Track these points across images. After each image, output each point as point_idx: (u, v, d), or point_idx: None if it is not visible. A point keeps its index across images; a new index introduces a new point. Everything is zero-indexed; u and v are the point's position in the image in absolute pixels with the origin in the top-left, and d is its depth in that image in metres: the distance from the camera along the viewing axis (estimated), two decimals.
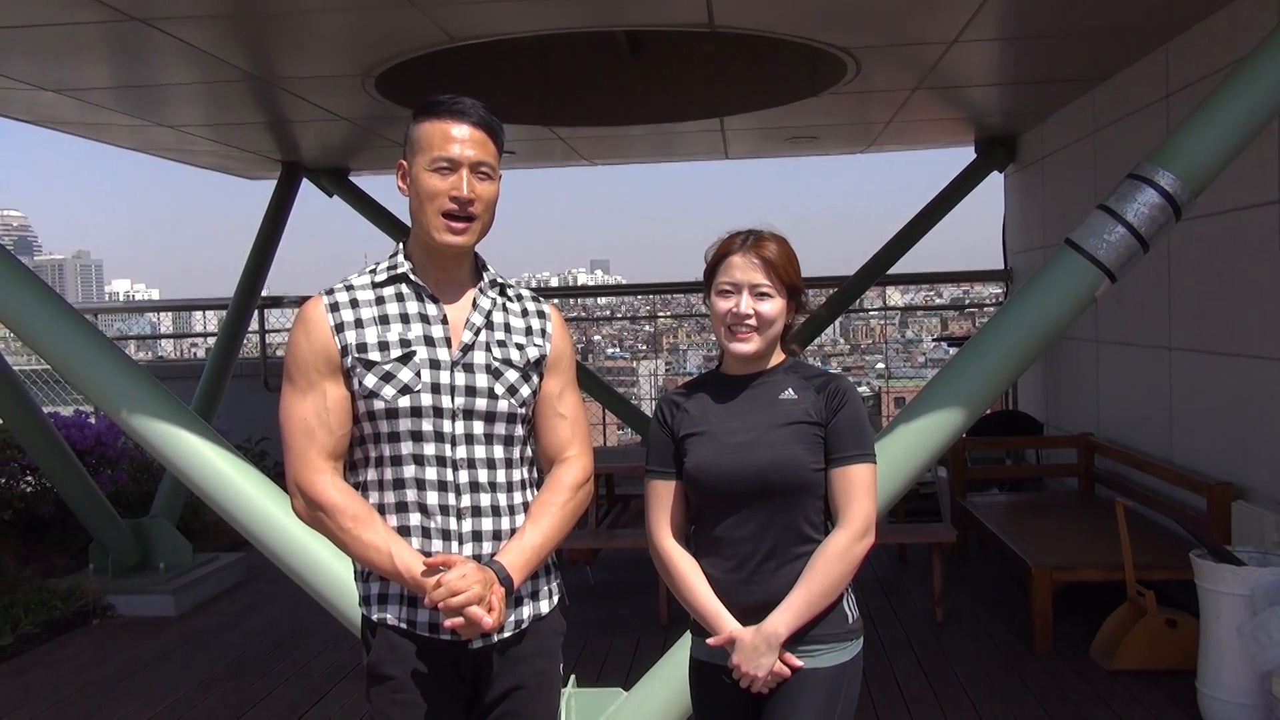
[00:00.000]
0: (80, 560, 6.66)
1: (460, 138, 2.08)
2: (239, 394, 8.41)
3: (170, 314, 14.16)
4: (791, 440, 2.20)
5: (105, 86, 5.64)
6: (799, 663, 2.19)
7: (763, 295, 2.22)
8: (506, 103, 2.12)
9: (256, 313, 9.10)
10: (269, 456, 8.48)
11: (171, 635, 5.84)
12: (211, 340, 9.73)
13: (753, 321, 2.22)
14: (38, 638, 5.70)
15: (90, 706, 4.80)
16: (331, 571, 3.21)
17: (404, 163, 2.15)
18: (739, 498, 2.21)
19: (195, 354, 12.56)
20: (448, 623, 1.98)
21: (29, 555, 6.70)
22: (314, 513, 2.09)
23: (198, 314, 12.18)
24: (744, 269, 2.22)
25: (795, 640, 2.19)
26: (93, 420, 7.74)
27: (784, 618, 2.17)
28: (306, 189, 8.33)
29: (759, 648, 2.17)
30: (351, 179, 8.59)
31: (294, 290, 9.67)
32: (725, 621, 2.21)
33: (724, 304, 2.23)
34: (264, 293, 8.22)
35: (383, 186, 9.36)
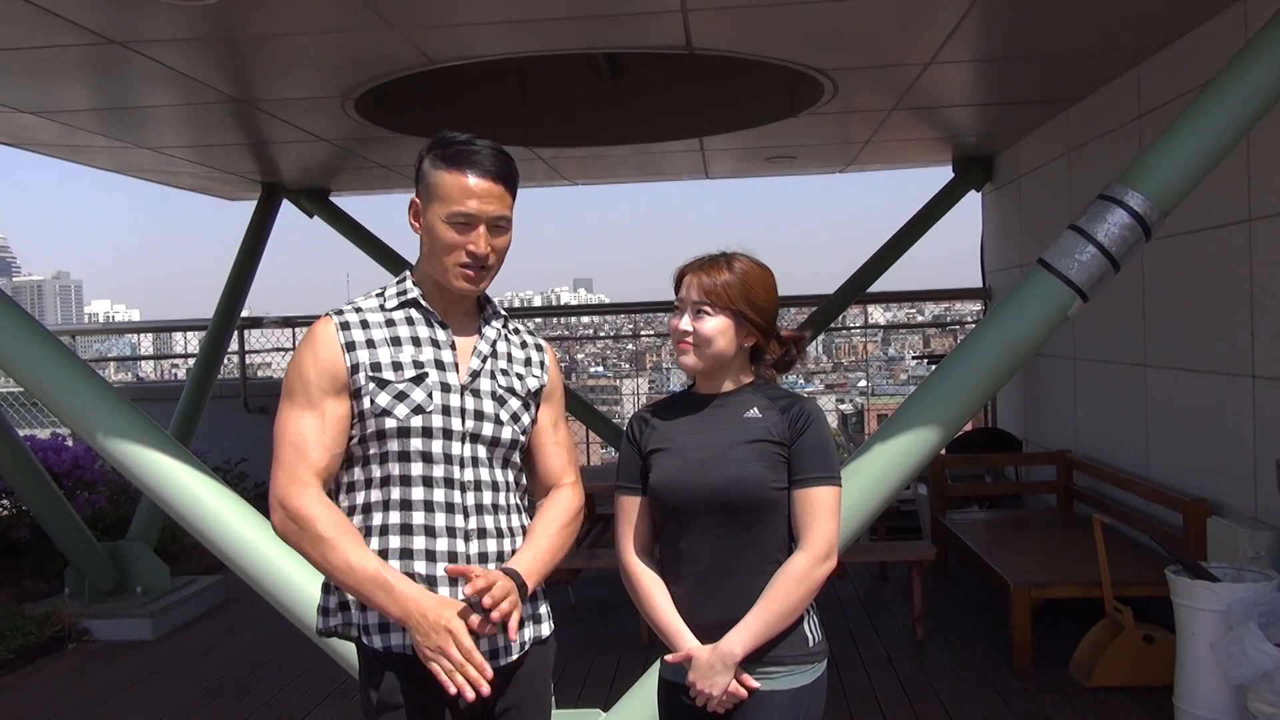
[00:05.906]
0: (56, 584, 6.60)
1: (479, 192, 2.08)
2: (219, 415, 8.37)
3: (150, 335, 14.08)
4: (752, 458, 2.21)
5: (85, 109, 5.63)
6: (755, 684, 2.19)
7: (701, 314, 2.26)
8: (487, 123, 2.12)
9: (236, 333, 9.08)
10: (248, 478, 8.43)
11: (149, 659, 5.79)
12: (192, 361, 9.69)
13: (690, 339, 2.27)
14: (12, 663, 5.63)
15: None
16: (308, 595, 3.19)
17: (418, 201, 2.15)
18: (699, 514, 2.22)
19: (176, 375, 12.48)
20: (482, 623, 2.01)
21: (3, 580, 6.64)
22: (293, 525, 2.04)
23: (178, 335, 12.10)
24: (688, 288, 2.30)
25: (753, 661, 2.19)
26: (70, 443, 7.67)
27: (740, 637, 2.17)
28: (286, 210, 8.33)
29: (714, 666, 2.17)
30: (332, 199, 8.60)
31: (274, 311, 9.60)
32: (684, 639, 2.22)
33: (672, 320, 2.33)
34: (244, 313, 8.20)
35: (363, 207, 9.39)
